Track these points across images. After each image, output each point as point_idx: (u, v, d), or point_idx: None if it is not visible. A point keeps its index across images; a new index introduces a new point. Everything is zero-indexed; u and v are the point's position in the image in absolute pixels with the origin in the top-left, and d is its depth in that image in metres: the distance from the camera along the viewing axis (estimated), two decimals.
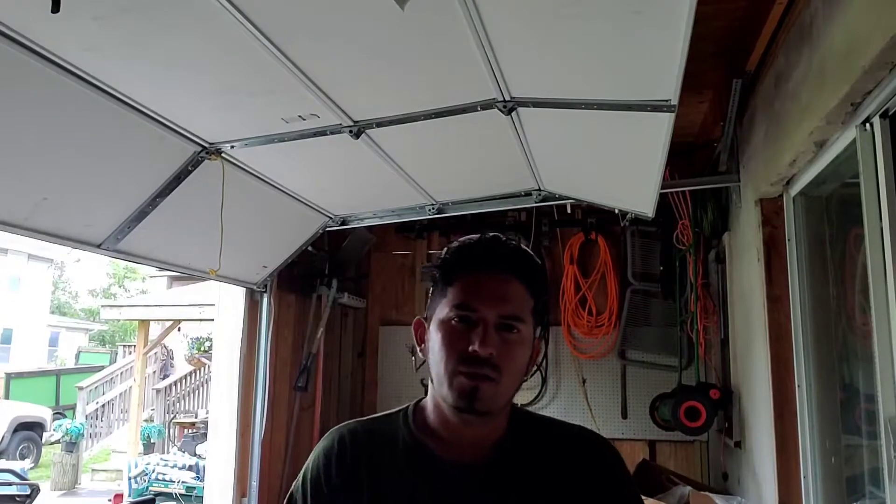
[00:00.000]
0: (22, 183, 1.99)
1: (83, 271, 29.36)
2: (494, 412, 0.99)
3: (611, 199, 3.17)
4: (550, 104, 2.03)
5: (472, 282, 0.99)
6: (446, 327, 0.98)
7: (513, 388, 1.00)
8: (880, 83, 1.55)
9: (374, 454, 1.04)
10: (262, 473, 3.50)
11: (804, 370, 2.34)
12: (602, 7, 1.49)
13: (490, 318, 0.96)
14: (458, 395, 0.95)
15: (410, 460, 1.02)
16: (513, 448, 1.02)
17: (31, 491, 5.42)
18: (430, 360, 1.01)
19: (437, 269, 1.03)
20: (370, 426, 1.10)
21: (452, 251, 1.04)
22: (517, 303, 0.98)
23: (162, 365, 11.70)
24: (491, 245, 1.02)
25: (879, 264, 1.62)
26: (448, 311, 0.98)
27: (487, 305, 0.96)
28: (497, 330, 0.96)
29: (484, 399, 0.95)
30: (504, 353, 0.96)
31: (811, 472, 2.25)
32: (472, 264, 1.00)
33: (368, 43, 1.70)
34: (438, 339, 0.98)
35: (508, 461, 1.01)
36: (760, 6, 2.22)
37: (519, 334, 0.98)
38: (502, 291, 0.98)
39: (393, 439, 1.05)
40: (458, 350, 0.95)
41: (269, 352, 3.53)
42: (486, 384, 0.95)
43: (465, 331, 0.96)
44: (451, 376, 0.96)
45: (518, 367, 1.00)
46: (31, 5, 1.39)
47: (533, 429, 1.07)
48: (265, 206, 3.00)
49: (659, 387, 4.13)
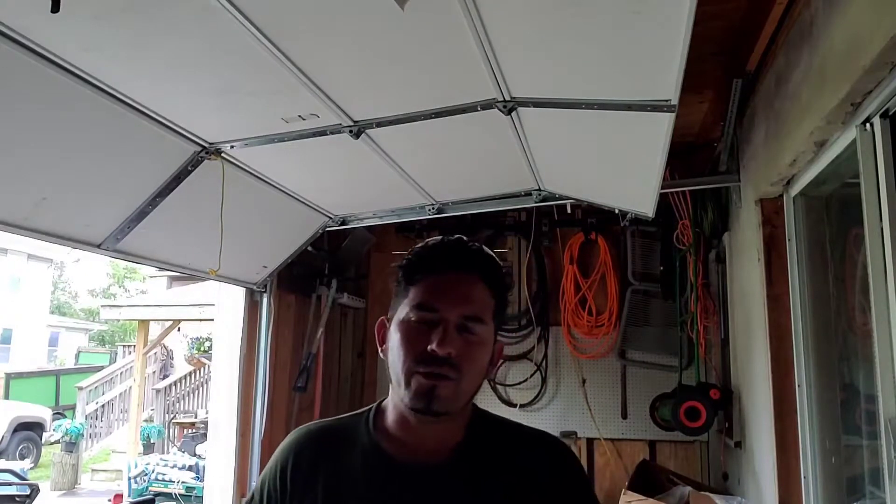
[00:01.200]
0: (21, 183, 1.99)
1: (83, 271, 29.38)
2: (452, 413, 0.98)
3: (611, 199, 3.16)
4: (550, 104, 2.03)
5: (434, 282, 0.98)
6: (406, 327, 0.97)
7: (472, 390, 0.99)
8: (880, 83, 1.55)
9: (332, 455, 1.04)
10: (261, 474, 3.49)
11: (804, 370, 2.34)
12: (602, 7, 1.49)
13: (451, 318, 0.95)
14: (415, 396, 0.94)
15: (367, 462, 1.01)
16: (470, 451, 1.01)
17: (31, 491, 5.43)
18: (389, 360, 1.00)
19: (400, 269, 1.03)
20: (331, 426, 1.10)
21: (415, 252, 1.04)
22: (479, 304, 0.98)
23: (162, 365, 11.70)
24: (453, 246, 1.02)
25: (880, 264, 1.62)
26: (408, 311, 0.98)
27: (449, 305, 0.96)
28: (458, 331, 0.95)
29: (441, 399, 0.94)
30: (464, 353, 0.95)
31: (811, 472, 2.25)
32: (435, 265, 1.00)
33: (368, 43, 1.70)
34: (398, 338, 0.97)
35: (465, 464, 1.00)
36: (760, 6, 2.22)
37: (479, 335, 0.97)
38: (464, 292, 0.98)
39: (352, 440, 1.05)
40: (417, 350, 0.95)
41: (268, 352, 3.53)
42: (444, 384, 0.94)
43: (424, 331, 0.95)
44: (409, 376, 0.95)
45: (478, 367, 0.99)
46: (31, 5, 1.39)
47: (492, 432, 1.06)
48: (265, 206, 3.00)
49: (659, 387, 4.13)
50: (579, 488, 1.05)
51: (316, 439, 1.07)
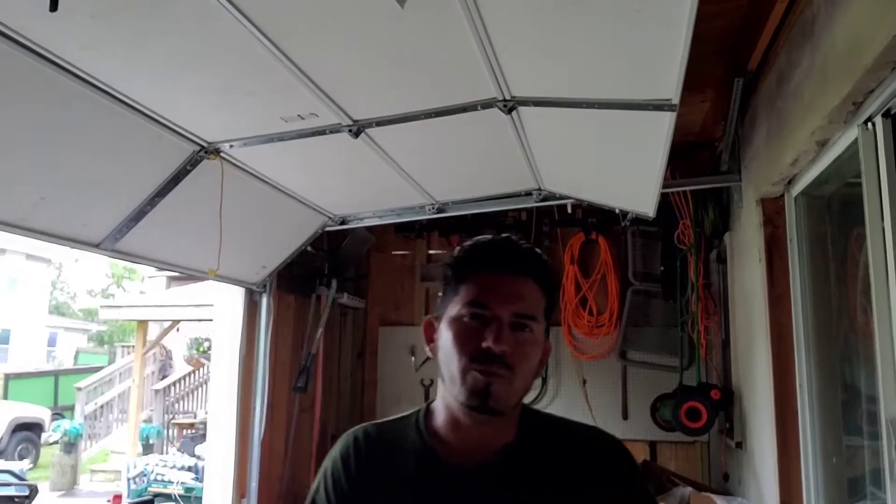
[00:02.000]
0: (20, 182, 1.98)
1: (82, 271, 29.34)
2: (506, 411, 0.97)
3: (611, 199, 3.16)
4: (551, 103, 2.02)
5: (487, 280, 0.98)
6: (459, 324, 0.97)
7: (524, 388, 0.99)
8: (882, 82, 1.54)
9: (384, 458, 1.04)
10: (261, 474, 3.49)
11: (805, 370, 2.33)
12: (603, 6, 1.48)
13: (504, 316, 0.95)
14: (470, 393, 0.94)
15: (419, 464, 1.01)
16: (523, 450, 1.01)
17: (30, 491, 5.42)
18: (440, 358, 1.00)
19: (449, 267, 1.02)
20: (383, 429, 1.09)
21: (466, 249, 1.03)
22: (531, 302, 0.98)
23: (161, 365, 11.68)
24: (504, 245, 1.02)
25: (881, 264, 1.62)
26: (460, 308, 0.97)
27: (502, 303, 0.95)
28: (511, 329, 0.95)
29: (497, 397, 0.94)
30: (517, 351, 0.95)
31: (812, 472, 2.25)
32: (487, 263, 1.00)
33: (368, 42, 1.70)
34: (450, 336, 0.97)
35: (518, 463, 0.99)
36: (762, 5, 2.21)
37: (532, 333, 0.97)
38: (517, 290, 0.97)
39: (403, 443, 1.04)
40: (471, 347, 0.94)
41: (268, 352, 3.53)
42: (499, 382, 0.93)
43: (478, 328, 0.95)
44: (464, 373, 0.94)
45: (530, 366, 0.98)
46: (30, 4, 1.38)
47: (544, 429, 1.06)
48: (264, 206, 2.99)
49: (660, 387, 4.12)
50: (632, 482, 1.04)
51: (369, 443, 1.06)
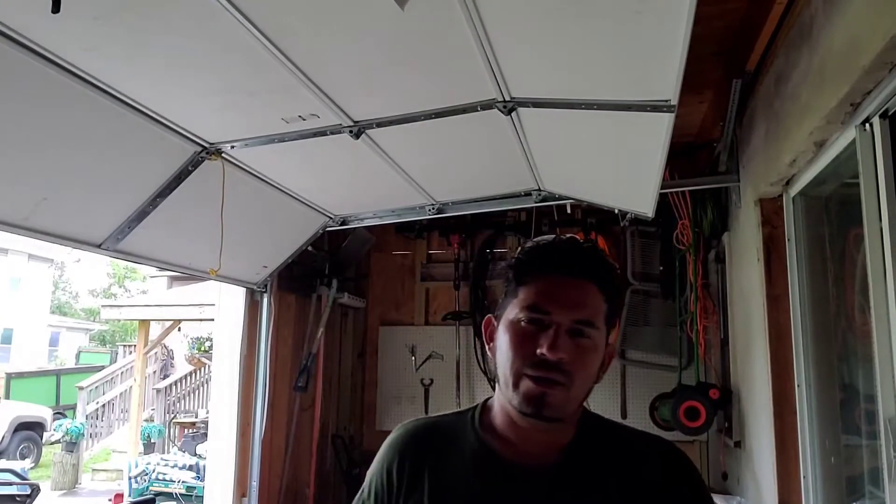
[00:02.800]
0: (22, 183, 1.99)
1: (83, 271, 29.36)
2: (563, 418, 0.96)
3: (611, 199, 3.17)
4: (550, 104, 2.03)
5: (546, 284, 0.95)
6: (515, 328, 0.95)
7: (582, 395, 0.97)
8: (880, 83, 1.55)
9: (439, 452, 1.03)
10: (262, 473, 3.50)
11: (804, 370, 2.34)
12: (602, 7, 1.49)
13: (563, 323, 0.93)
14: (523, 400, 0.92)
15: (475, 462, 1.00)
16: (580, 453, 0.99)
17: (32, 491, 5.42)
18: (497, 359, 0.98)
19: (510, 268, 1.00)
20: (438, 423, 1.08)
21: (527, 251, 1.00)
22: (591, 308, 0.95)
23: (162, 365, 11.70)
24: (567, 247, 0.99)
25: (879, 264, 1.62)
26: (518, 311, 0.95)
27: (561, 309, 0.93)
28: (569, 335, 0.93)
29: (552, 405, 0.92)
30: (576, 358, 0.92)
31: (811, 471, 2.25)
32: (547, 265, 0.97)
33: (368, 43, 1.70)
34: (507, 339, 0.95)
35: (575, 467, 0.97)
36: (760, 6, 2.22)
37: (591, 340, 0.94)
38: (577, 296, 0.95)
39: (459, 439, 1.03)
40: (526, 352, 0.92)
41: (269, 352, 3.54)
42: (555, 390, 0.92)
43: (534, 333, 0.93)
44: (517, 378, 0.93)
45: (589, 373, 0.96)
46: (31, 5, 1.39)
47: (603, 434, 1.03)
48: (265, 206, 3.00)
49: (659, 387, 4.13)
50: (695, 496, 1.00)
51: (423, 436, 1.05)
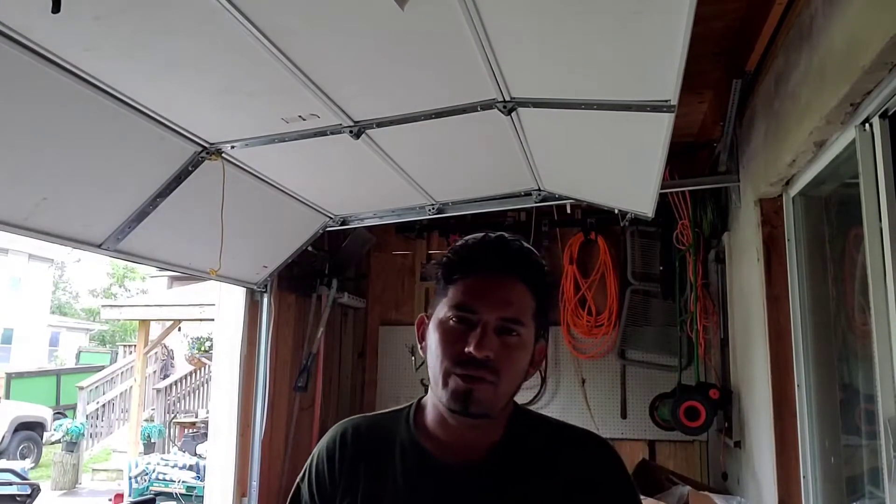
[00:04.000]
0: (22, 183, 1.99)
1: (83, 271, 29.37)
2: (491, 415, 0.97)
3: (611, 199, 3.17)
4: (550, 104, 2.03)
5: (473, 283, 0.97)
6: (444, 327, 0.97)
7: (510, 391, 0.99)
8: (880, 83, 1.55)
9: (372, 451, 1.04)
10: (262, 473, 3.50)
11: (804, 370, 2.34)
12: (602, 7, 1.49)
13: (490, 321, 0.94)
14: (451, 397, 0.94)
15: (406, 460, 1.01)
16: (510, 450, 1.01)
17: (32, 490, 5.43)
18: (427, 358, 1.00)
19: (439, 267, 1.02)
20: (372, 422, 1.10)
21: (455, 250, 1.02)
22: (518, 305, 0.97)
23: (162, 365, 11.70)
24: (494, 245, 1.00)
25: (879, 264, 1.62)
26: (447, 311, 0.97)
27: (487, 307, 0.95)
28: (497, 333, 0.95)
29: (479, 401, 0.93)
30: (503, 356, 0.94)
31: (811, 472, 2.26)
32: (474, 264, 0.99)
33: (368, 43, 1.70)
34: (436, 338, 0.97)
35: (505, 463, 0.99)
36: (760, 6, 2.22)
37: (519, 338, 0.96)
38: (504, 294, 0.96)
39: (392, 437, 1.05)
40: (454, 351, 0.94)
41: (269, 352, 3.54)
42: (482, 386, 0.93)
43: (462, 332, 0.94)
44: (446, 377, 0.95)
45: (517, 370, 0.98)
46: (31, 5, 1.39)
47: (532, 430, 1.05)
48: (265, 206, 3.00)
49: (658, 387, 4.13)
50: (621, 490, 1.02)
51: (358, 434, 1.07)
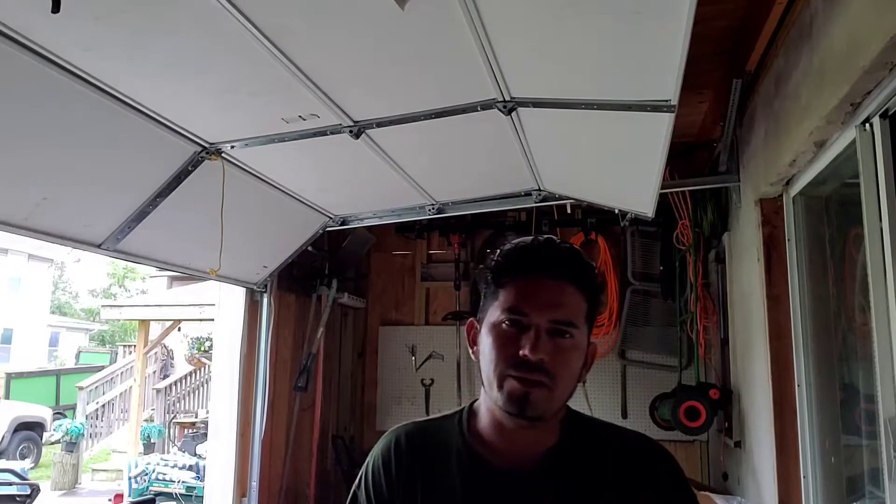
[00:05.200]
0: (22, 183, 1.99)
1: (83, 271, 29.36)
2: (546, 418, 0.97)
3: (611, 199, 3.17)
4: (550, 104, 2.03)
5: (525, 286, 0.97)
6: (497, 331, 0.97)
7: (565, 394, 0.99)
8: (880, 83, 1.55)
9: (428, 458, 1.04)
10: (262, 473, 3.50)
11: (804, 370, 2.34)
12: (602, 7, 1.49)
13: (542, 324, 0.94)
14: (508, 400, 0.94)
15: (462, 465, 1.01)
16: (565, 454, 1.00)
17: (32, 491, 5.42)
18: (481, 362, 1.00)
19: (489, 271, 1.02)
20: (425, 427, 1.10)
21: (504, 253, 1.01)
22: (571, 308, 0.96)
23: (162, 365, 11.71)
24: (544, 248, 1.00)
25: (879, 264, 1.62)
26: (499, 314, 0.97)
27: (540, 310, 0.95)
28: (550, 335, 0.94)
29: (535, 405, 0.93)
30: (557, 358, 0.94)
31: (811, 471, 2.26)
32: (525, 267, 0.98)
33: (368, 43, 1.70)
34: (489, 342, 0.97)
35: (560, 467, 0.99)
36: (760, 6, 2.22)
37: (572, 340, 0.96)
38: (556, 296, 0.96)
39: (447, 443, 1.05)
40: (509, 354, 0.94)
41: (269, 352, 3.54)
42: (538, 390, 0.93)
43: (516, 335, 0.94)
44: (501, 380, 0.95)
45: (571, 372, 0.97)
46: (31, 5, 1.39)
47: (588, 434, 1.05)
48: (265, 206, 3.00)
49: (659, 387, 4.13)
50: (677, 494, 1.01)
51: (412, 440, 1.07)
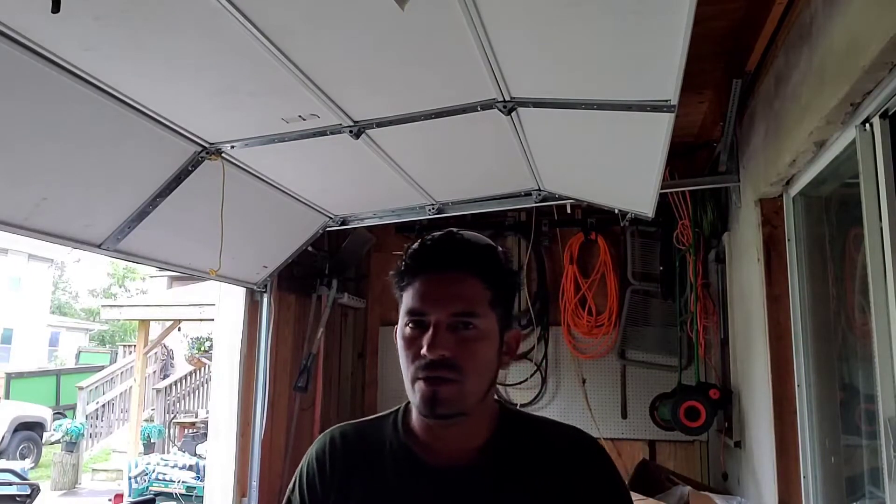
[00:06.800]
0: (22, 183, 1.99)
1: (83, 271, 29.38)
2: (465, 412, 0.96)
3: (611, 199, 3.17)
4: (550, 104, 2.03)
5: (420, 285, 0.97)
6: (403, 335, 0.98)
7: (480, 387, 0.97)
8: (880, 83, 1.55)
9: (362, 457, 1.04)
10: (262, 473, 3.50)
11: (804, 370, 2.34)
12: (602, 7, 1.49)
13: (441, 319, 0.94)
14: (420, 401, 0.95)
15: (396, 464, 1.01)
16: (498, 450, 1.00)
17: (32, 491, 5.43)
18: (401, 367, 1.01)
19: (393, 277, 1.03)
20: (361, 428, 1.10)
21: (406, 255, 1.02)
22: (468, 298, 0.96)
23: (162, 365, 11.71)
24: (436, 245, 1.00)
25: (879, 264, 1.62)
26: (404, 318, 0.98)
27: (435, 307, 0.95)
28: (451, 329, 0.94)
29: (446, 401, 0.93)
30: (461, 351, 0.93)
31: (811, 471, 2.26)
32: (420, 267, 0.99)
33: (368, 43, 1.70)
34: (400, 346, 0.98)
35: (493, 463, 0.99)
36: (760, 6, 2.22)
37: (476, 330, 0.95)
38: (450, 290, 0.96)
39: (381, 442, 1.05)
40: (415, 356, 0.95)
41: (269, 352, 3.54)
42: (446, 386, 0.93)
43: (418, 336, 0.95)
44: (413, 382, 0.96)
45: (482, 363, 0.96)
46: (31, 5, 1.39)
47: (521, 429, 1.04)
48: (265, 206, 3.00)
49: (659, 387, 4.13)
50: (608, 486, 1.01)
51: (345, 441, 1.07)
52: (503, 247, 1.11)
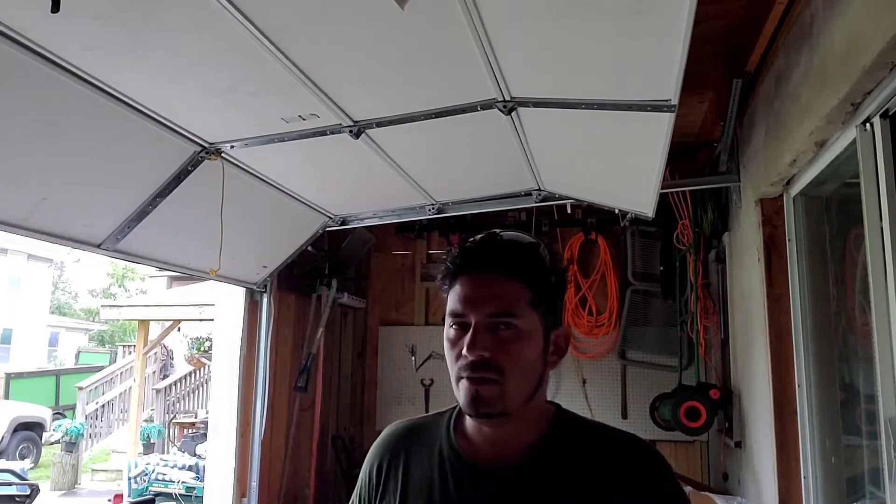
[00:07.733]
0: (22, 183, 1.99)
1: (83, 271, 29.36)
2: (508, 412, 0.96)
3: (611, 199, 3.17)
4: (550, 104, 2.03)
5: (461, 287, 0.99)
6: (448, 335, 1.00)
7: (523, 386, 0.97)
8: (880, 83, 1.55)
9: (413, 453, 1.08)
10: (261, 473, 3.50)
11: (804, 370, 2.34)
12: (602, 7, 1.49)
13: (479, 320, 0.95)
14: (464, 401, 0.96)
15: (443, 462, 1.03)
16: (548, 451, 0.99)
17: (31, 491, 5.42)
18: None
19: (439, 280, 1.05)
20: (416, 424, 1.13)
21: (450, 258, 1.04)
22: (505, 299, 0.96)
23: (162, 365, 11.70)
24: (475, 247, 1.02)
25: (880, 264, 1.62)
26: (448, 319, 1.00)
27: (473, 308, 0.96)
28: (490, 330, 0.95)
29: (487, 401, 0.94)
30: (501, 352, 0.94)
31: (811, 472, 2.26)
32: (460, 270, 1.01)
33: (368, 43, 1.70)
34: (446, 347, 1.00)
35: (541, 465, 0.98)
36: (760, 6, 2.22)
37: (515, 330, 0.95)
38: (487, 291, 0.97)
39: (432, 440, 1.07)
40: (458, 356, 0.96)
41: (268, 352, 3.53)
42: (487, 386, 0.94)
43: (461, 336, 0.97)
44: (457, 381, 0.97)
45: (523, 363, 0.96)
46: (31, 5, 1.39)
47: (575, 433, 1.03)
48: (265, 206, 3.00)
49: (659, 387, 4.13)
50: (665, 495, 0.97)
51: (401, 437, 1.11)
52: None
